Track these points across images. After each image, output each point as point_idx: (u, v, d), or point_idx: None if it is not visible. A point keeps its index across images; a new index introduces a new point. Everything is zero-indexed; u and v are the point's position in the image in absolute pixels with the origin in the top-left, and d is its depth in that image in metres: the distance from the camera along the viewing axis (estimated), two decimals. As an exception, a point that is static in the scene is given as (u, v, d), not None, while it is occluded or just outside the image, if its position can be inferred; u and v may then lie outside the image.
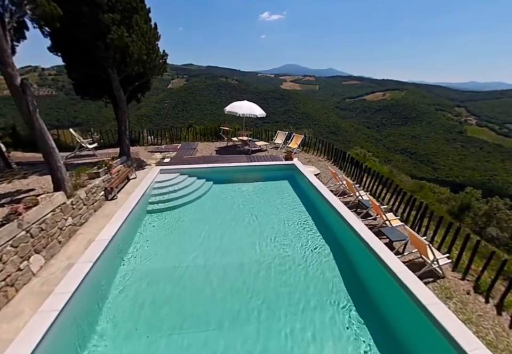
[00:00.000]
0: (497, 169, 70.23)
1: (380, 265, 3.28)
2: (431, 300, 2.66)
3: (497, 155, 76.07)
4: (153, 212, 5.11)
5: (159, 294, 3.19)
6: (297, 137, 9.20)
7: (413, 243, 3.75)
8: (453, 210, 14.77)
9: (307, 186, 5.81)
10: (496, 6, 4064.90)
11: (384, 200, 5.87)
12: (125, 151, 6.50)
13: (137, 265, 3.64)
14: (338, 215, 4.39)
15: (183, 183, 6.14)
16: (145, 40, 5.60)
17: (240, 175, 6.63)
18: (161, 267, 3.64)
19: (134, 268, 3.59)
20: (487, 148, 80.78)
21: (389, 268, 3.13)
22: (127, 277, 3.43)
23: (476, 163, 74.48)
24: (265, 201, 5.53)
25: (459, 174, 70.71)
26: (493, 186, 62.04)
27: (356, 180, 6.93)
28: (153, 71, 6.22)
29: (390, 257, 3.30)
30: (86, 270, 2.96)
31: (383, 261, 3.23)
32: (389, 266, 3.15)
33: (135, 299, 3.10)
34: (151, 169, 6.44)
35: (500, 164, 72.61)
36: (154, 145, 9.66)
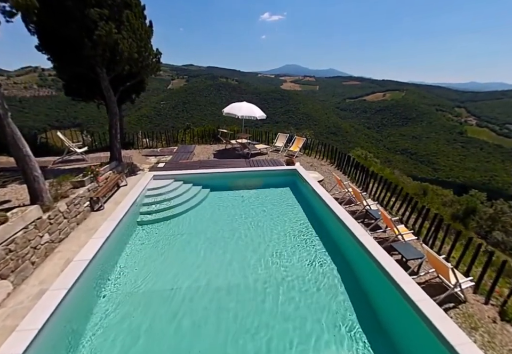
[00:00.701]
0: (497, 170, 70.16)
1: (395, 291, 2.88)
2: (460, 340, 2.26)
3: (497, 156, 75.95)
4: (143, 224, 4.71)
5: (149, 334, 2.64)
6: (298, 140, 8.80)
7: (431, 264, 3.36)
8: (458, 213, 14.38)
9: (310, 194, 5.41)
10: (496, 6, 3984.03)
11: (392, 209, 5.47)
12: (115, 155, 6.09)
13: (122, 293, 3.17)
14: (345, 228, 4.00)
15: (177, 190, 5.74)
16: (137, 38, 5.20)
17: (239, 181, 6.22)
18: (152, 294, 3.18)
19: (117, 297, 3.12)
20: (487, 149, 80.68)
21: (406, 296, 2.73)
22: (109, 309, 2.93)
23: (476, 163, 74.38)
24: (265, 211, 5.13)
25: (459, 174, 70.63)
26: (493, 186, 61.84)
27: (361, 186, 6.54)
28: (146, 70, 5.82)
29: (407, 281, 2.90)
30: (58, 299, 2.56)
31: (399, 287, 2.83)
32: (407, 293, 2.75)
33: (116, 342, 2.55)
34: (143, 175, 6.04)
35: (500, 165, 72.53)
36: (150, 148, 9.26)
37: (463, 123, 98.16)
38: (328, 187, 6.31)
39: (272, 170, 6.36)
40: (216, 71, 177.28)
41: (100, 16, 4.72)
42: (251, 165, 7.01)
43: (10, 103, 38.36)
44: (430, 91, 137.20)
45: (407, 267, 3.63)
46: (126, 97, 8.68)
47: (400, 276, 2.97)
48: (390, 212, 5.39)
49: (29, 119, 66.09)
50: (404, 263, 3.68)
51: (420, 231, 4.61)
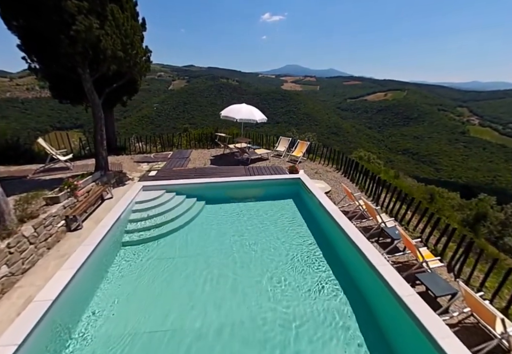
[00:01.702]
0: (500, 170, 69.45)
1: (426, 341, 2.30)
2: None
3: (500, 156, 75.15)
4: (128, 245, 4.13)
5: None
6: (302, 145, 8.22)
7: (468, 304, 2.76)
8: (468, 219, 13.75)
9: (316, 208, 4.82)
10: (498, 5, 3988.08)
11: (409, 224, 4.87)
12: (101, 164, 5.54)
13: (97, 342, 2.56)
14: (358, 251, 3.42)
15: (169, 203, 5.17)
16: (121, 33, 4.64)
17: (237, 192, 5.64)
18: (136, 340, 2.57)
19: (90, 348, 2.51)
20: (490, 148, 79.93)
21: (439, 347, 2.15)
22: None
23: (479, 163, 73.70)
24: (266, 228, 4.54)
25: (462, 174, 69.98)
26: (496, 187, 61.06)
27: (372, 197, 5.94)
28: (134, 70, 5.26)
29: (435, 324, 2.31)
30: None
31: (427, 331, 2.24)
32: (443, 348, 2.16)
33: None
34: (132, 186, 5.47)
35: (503, 164, 71.79)
36: (143, 153, 8.70)
37: (466, 123, 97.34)
38: (336, 198, 5.72)
39: (274, 179, 5.78)
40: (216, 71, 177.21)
41: (78, 9, 4.17)
42: (251, 172, 6.44)
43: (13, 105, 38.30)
44: (432, 90, 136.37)
45: (429, 298, 3.04)
46: (117, 100, 8.15)
47: (427, 316, 2.39)
48: (406, 228, 4.80)
49: (31, 121, 65.99)
50: (430, 297, 3.09)
51: (443, 252, 4.02)
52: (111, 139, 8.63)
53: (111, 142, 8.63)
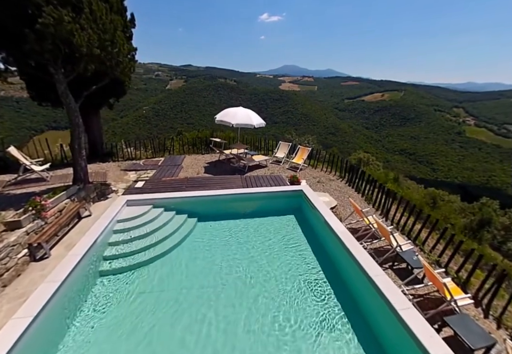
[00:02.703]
0: (495, 170, 70.25)
1: None
2: None
3: (495, 156, 75.97)
4: (106, 275, 3.54)
5: None
6: (303, 150, 7.67)
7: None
8: (471, 225, 13.40)
9: (321, 227, 4.27)
10: (495, 6, 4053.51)
11: (424, 245, 4.36)
12: (79, 176, 4.92)
13: None
14: (370, 281, 2.90)
15: (156, 221, 4.58)
16: (99, 28, 4.03)
17: (233, 206, 5.08)
18: None
19: None
20: (485, 149, 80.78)
21: None
22: None
23: (475, 163, 74.43)
24: (265, 253, 3.98)
25: (458, 174, 70.60)
26: (491, 187, 61.63)
27: (381, 210, 5.43)
28: (116, 70, 4.66)
29: None
30: None
31: None
32: None
33: None
34: (114, 201, 4.87)
35: (498, 165, 72.62)
36: (133, 159, 8.07)
37: (462, 124, 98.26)
38: (342, 212, 5.19)
39: (273, 192, 5.23)
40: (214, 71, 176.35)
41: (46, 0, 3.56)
42: (248, 183, 5.88)
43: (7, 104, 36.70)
44: (429, 91, 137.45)
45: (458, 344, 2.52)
46: (103, 102, 7.51)
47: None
48: (421, 249, 4.29)
49: (27, 120, 64.44)
50: (459, 343, 2.58)
51: (467, 281, 3.52)
52: (98, 145, 8.00)
53: (98, 147, 8.00)
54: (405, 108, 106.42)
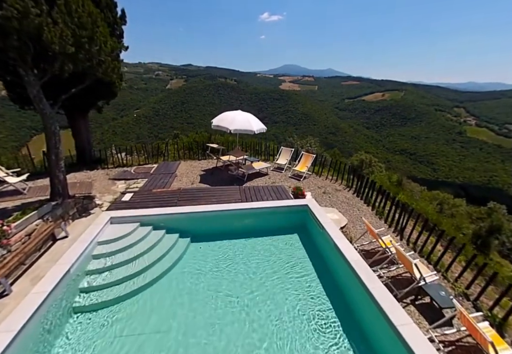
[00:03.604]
0: (497, 170, 69.99)
1: None
2: None
3: (497, 156, 75.63)
4: (81, 312, 3.02)
5: None
6: (306, 158, 7.12)
7: None
8: (480, 232, 12.87)
9: (329, 250, 3.73)
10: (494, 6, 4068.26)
11: (448, 271, 3.82)
12: (57, 190, 4.38)
13: None
14: (388, 322, 2.38)
15: (143, 242, 4.04)
16: (74, 22, 3.47)
17: (230, 224, 4.53)
18: None
19: None
20: (486, 149, 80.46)
21: None
22: None
23: (476, 164, 74.15)
24: (265, 283, 3.44)
25: (459, 174, 70.30)
26: (493, 187, 61.25)
27: (393, 225, 4.89)
28: (97, 70, 4.10)
29: None
30: None
31: None
32: None
33: None
34: (96, 218, 4.33)
35: (499, 165, 72.30)
36: (124, 166, 7.52)
37: (462, 124, 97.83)
38: (352, 229, 4.65)
39: (275, 207, 4.68)
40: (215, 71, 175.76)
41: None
42: (246, 195, 5.33)
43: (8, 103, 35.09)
44: (429, 91, 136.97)
45: None
46: (90, 105, 6.96)
47: None
48: (444, 276, 3.75)
49: (27, 119, 63.83)
50: None
51: (505, 321, 2.98)
52: (86, 151, 7.45)
53: (86, 153, 7.45)
54: (405, 108, 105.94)
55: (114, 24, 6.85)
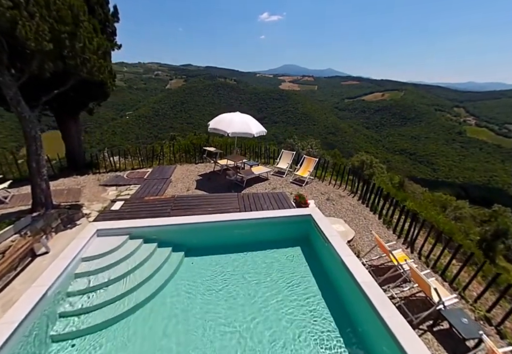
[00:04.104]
0: (497, 170, 69.96)
1: None
2: None
3: (497, 156, 75.55)
4: (60, 341, 2.67)
5: None
6: (309, 161, 6.77)
7: None
8: (485, 236, 12.56)
9: (336, 268, 3.39)
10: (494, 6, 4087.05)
11: (466, 290, 3.49)
12: (39, 200, 4.03)
13: None
14: None
15: (132, 258, 3.68)
16: (51, 16, 3.12)
17: (225, 236, 4.18)
18: None
19: None
20: (486, 149, 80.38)
21: None
22: None
23: (476, 164, 74.08)
24: (266, 306, 3.10)
25: (459, 174, 70.20)
26: (493, 187, 61.14)
27: (403, 235, 4.56)
28: (81, 70, 3.75)
29: None
30: None
31: None
32: None
33: None
34: (82, 230, 3.98)
35: (499, 165, 72.25)
36: (116, 170, 7.16)
37: (462, 123, 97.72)
38: (359, 241, 4.31)
39: (276, 217, 4.34)
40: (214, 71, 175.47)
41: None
42: (245, 204, 4.99)
43: None
44: (429, 91, 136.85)
45: None
46: (80, 107, 6.60)
47: None
48: (462, 296, 3.42)
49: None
50: None
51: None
52: (77, 155, 7.09)
53: (77, 158, 7.09)
54: (405, 108, 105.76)
55: (106, 21, 6.50)
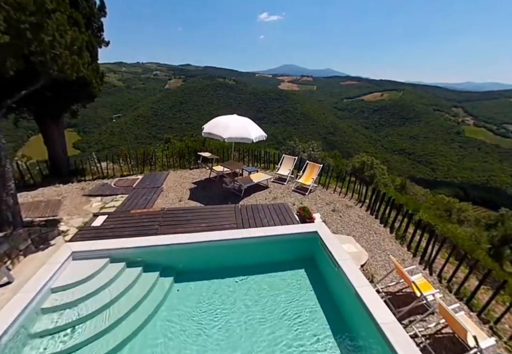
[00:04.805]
0: (495, 170, 70.33)
1: None
2: None
3: (495, 156, 75.86)
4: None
5: None
6: (312, 168, 6.26)
7: None
8: (492, 241, 12.15)
9: (349, 299, 2.89)
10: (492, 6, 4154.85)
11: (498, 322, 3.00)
12: (6, 218, 3.50)
13: None
14: None
15: (114, 286, 3.16)
16: (8, 3, 2.59)
17: (220, 257, 3.67)
18: None
19: None
20: (485, 148, 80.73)
21: None
22: None
23: (474, 163, 74.37)
24: (270, 333, 2.60)
25: (457, 174, 70.38)
26: (491, 186, 61.25)
27: (419, 253, 4.07)
28: (50, 67, 3.21)
29: None
30: None
31: None
32: None
33: None
34: (55, 252, 3.46)
35: (497, 164, 72.60)
36: (104, 177, 6.61)
37: (461, 123, 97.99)
38: (372, 263, 3.82)
39: (277, 235, 3.84)
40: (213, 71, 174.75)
41: None
42: (243, 218, 4.48)
43: None
44: (427, 91, 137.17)
45: None
46: (62, 109, 6.05)
47: None
48: (493, 331, 2.93)
49: (24, 120, 62.06)
50: None
51: None
52: (61, 162, 6.53)
53: (61, 165, 6.53)
54: (404, 108, 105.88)
55: (91, 15, 5.97)
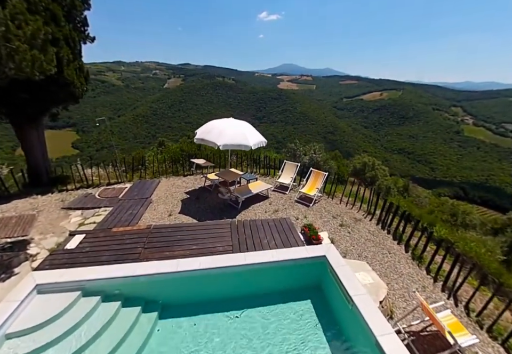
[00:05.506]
0: (494, 169, 70.41)
1: None
2: None
3: (494, 155, 75.90)
4: None
5: None
6: (316, 176, 5.71)
7: None
8: (502, 248, 11.65)
9: (366, 346, 2.37)
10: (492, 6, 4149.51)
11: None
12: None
13: None
14: None
15: (85, 326, 2.62)
16: None
17: (214, 288, 3.14)
18: None
19: None
20: (484, 148, 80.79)
21: None
22: None
23: (473, 163, 74.43)
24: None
25: (457, 173, 70.38)
26: (491, 186, 61.20)
27: (439, 277, 3.56)
28: (5, 65, 2.66)
29: None
30: None
31: None
32: None
33: None
34: (19, 283, 2.91)
35: (497, 164, 72.69)
36: (89, 186, 6.04)
37: (460, 123, 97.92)
38: (390, 293, 3.29)
39: (280, 261, 3.31)
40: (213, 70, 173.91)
41: None
42: (240, 237, 3.94)
43: None
44: (427, 90, 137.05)
45: None
46: (41, 112, 5.48)
47: None
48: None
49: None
50: None
51: None
52: (41, 169, 5.94)
53: (40, 173, 5.95)
54: (403, 107, 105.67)
55: (72, 8, 5.39)
